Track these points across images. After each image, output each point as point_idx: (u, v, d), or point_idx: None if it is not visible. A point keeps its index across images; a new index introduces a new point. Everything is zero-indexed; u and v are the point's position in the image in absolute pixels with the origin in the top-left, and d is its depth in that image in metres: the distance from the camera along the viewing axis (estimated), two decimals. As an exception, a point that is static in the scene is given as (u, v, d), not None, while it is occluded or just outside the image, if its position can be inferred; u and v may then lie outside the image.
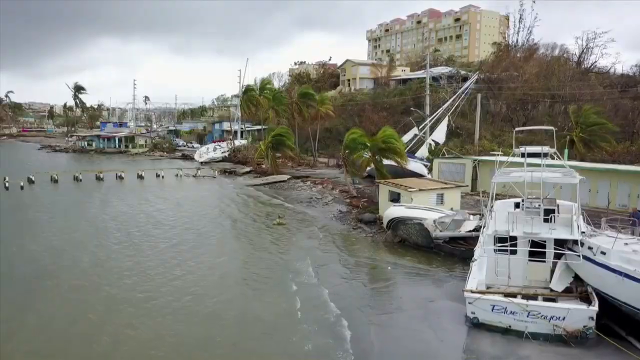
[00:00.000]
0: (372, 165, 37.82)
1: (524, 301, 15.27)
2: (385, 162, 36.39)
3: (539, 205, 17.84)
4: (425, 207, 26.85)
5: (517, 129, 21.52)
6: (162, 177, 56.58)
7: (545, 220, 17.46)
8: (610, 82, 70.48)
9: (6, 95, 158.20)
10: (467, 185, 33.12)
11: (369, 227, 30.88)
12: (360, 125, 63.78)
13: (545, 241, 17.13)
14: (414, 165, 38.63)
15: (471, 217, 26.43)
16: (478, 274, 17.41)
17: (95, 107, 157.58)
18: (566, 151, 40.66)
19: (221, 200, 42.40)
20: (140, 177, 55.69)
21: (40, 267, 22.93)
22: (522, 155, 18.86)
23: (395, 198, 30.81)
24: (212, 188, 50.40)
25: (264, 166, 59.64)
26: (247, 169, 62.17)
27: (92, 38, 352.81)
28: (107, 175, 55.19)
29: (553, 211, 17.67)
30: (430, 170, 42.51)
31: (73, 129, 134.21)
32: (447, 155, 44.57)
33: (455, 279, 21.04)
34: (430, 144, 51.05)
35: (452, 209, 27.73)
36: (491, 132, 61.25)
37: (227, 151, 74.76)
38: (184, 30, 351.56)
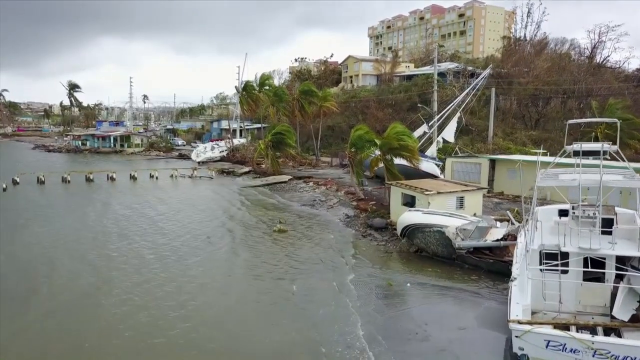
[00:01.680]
0: (380, 165, 34.78)
1: (589, 336, 12.19)
2: (395, 161, 33.34)
3: (594, 213, 14.76)
4: (445, 213, 23.79)
5: (569, 121, 18.44)
6: (156, 178, 53.55)
7: (604, 233, 14.42)
8: (625, 77, 67.49)
9: (0, 94, 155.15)
10: (489, 188, 30.05)
11: (380, 234, 27.84)
12: (364, 122, 60.91)
13: (604, 258, 14.11)
14: (426, 165, 35.58)
15: (498, 223, 23.41)
16: (521, 298, 14.33)
17: (93, 105, 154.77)
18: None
19: (218, 204, 39.38)
20: (132, 178, 52.69)
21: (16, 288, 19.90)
22: (575, 153, 15.78)
23: (408, 201, 27.78)
24: (209, 190, 47.35)
25: (263, 166, 56.64)
26: (246, 169, 59.13)
27: (93, 37, 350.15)
28: (98, 176, 52.18)
29: (612, 221, 14.64)
30: (442, 170, 39.45)
31: (69, 128, 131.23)
32: (459, 154, 41.50)
33: (487, 299, 18.05)
34: (439, 142, 47.93)
35: (475, 215, 24.70)
36: (502, 130, 58.28)
37: (226, 150, 71.74)
38: (186, 29, 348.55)
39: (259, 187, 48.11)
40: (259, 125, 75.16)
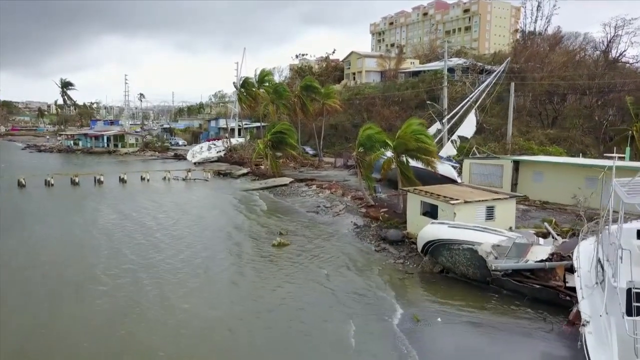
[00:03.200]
0: (392, 167, 31.02)
1: None
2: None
3: None
4: (476, 227, 20.07)
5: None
6: (148, 180, 49.87)
7: None
8: (643, 72, 63.74)
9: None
10: (525, 195, 26.29)
11: (396, 249, 24.15)
12: (370, 121, 57.42)
13: None
14: (442, 167, 31.77)
15: (541, 240, 19.71)
16: (605, 354, 10.70)
17: (88, 104, 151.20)
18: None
19: (212, 211, 35.56)
20: (122, 181, 48.99)
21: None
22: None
23: (428, 211, 24.10)
24: (203, 194, 43.75)
25: (262, 167, 52.97)
26: (245, 170, 55.46)
27: (94, 36, 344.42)
28: (85, 179, 48.44)
29: None
30: (459, 172, 35.74)
31: (63, 127, 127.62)
32: (478, 155, 37.77)
33: (539, 339, 14.42)
34: (454, 141, 44.19)
35: (510, 229, 20.98)
36: (517, 128, 54.60)
37: (223, 150, 68.05)
38: (188, 28, 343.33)
39: (258, 190, 44.48)
40: (258, 124, 71.53)
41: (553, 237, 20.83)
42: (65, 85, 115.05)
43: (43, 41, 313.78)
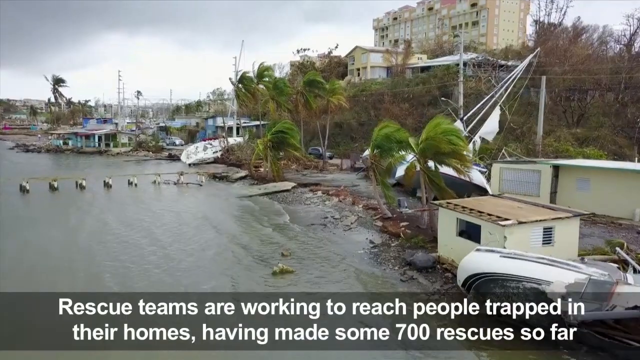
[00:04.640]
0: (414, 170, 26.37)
1: None
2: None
3: None
4: (541, 258, 15.35)
5: None
6: (135, 185, 45.20)
7: None
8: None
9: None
10: (592, 213, 21.62)
11: (426, 277, 19.53)
12: (377, 119, 53.07)
13: None
14: (472, 174, 27.05)
15: (628, 276, 15.03)
16: None
17: (82, 102, 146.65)
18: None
19: (205, 224, 30.94)
20: (107, 185, 44.31)
21: None
22: None
23: (464, 230, 19.47)
24: (197, 201, 39.34)
25: (262, 170, 48.40)
26: (243, 173, 50.83)
27: (97, 34, 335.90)
28: (65, 184, 43.76)
29: None
30: (488, 179, 31.14)
31: (55, 126, 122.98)
32: (508, 159, 33.13)
33: None
34: (475, 143, 39.54)
35: (584, 260, 16.27)
36: (540, 127, 50.02)
37: (220, 151, 63.50)
38: (190, 25, 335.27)
39: (257, 196, 39.91)
40: (257, 123, 66.97)
41: (635, 270, 16.19)
42: (57, 81, 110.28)
43: (44, 39, 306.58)
